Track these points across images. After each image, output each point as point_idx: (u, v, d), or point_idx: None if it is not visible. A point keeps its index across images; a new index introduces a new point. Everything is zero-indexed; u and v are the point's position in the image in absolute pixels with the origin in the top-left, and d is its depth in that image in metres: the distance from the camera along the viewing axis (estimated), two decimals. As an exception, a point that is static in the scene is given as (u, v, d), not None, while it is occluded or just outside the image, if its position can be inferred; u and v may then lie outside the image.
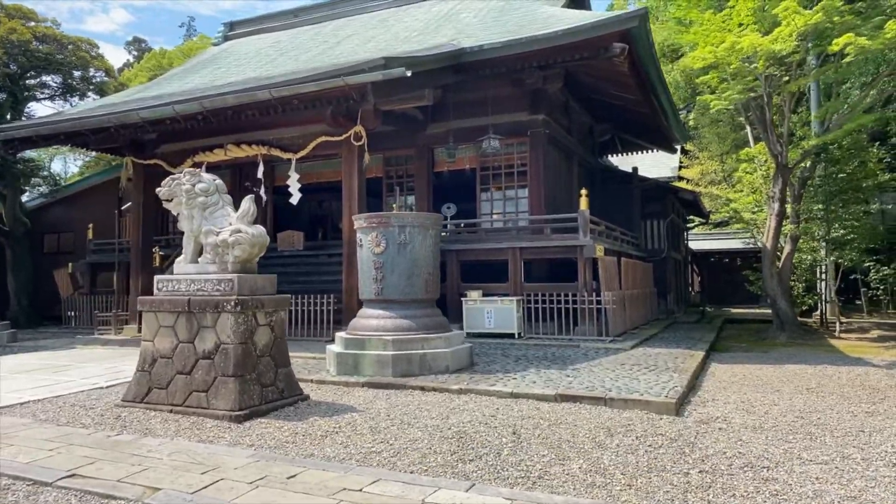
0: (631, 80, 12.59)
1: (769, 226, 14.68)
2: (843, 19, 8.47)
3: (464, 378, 7.63)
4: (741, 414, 6.27)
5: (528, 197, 13.40)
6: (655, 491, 4.07)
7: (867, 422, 6.01)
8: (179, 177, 6.68)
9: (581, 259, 11.73)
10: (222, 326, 6.15)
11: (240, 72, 15.22)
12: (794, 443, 5.21)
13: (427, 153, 14.49)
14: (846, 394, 7.48)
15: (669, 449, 4.99)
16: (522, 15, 13.06)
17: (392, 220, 8.19)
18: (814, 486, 4.15)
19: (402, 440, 5.23)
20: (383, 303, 8.17)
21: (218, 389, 6.06)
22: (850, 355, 11.22)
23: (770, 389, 7.74)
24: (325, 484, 4.18)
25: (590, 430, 5.51)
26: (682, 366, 8.70)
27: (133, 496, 4.00)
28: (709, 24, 9.97)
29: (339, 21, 18.18)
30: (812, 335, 14.72)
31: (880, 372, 9.11)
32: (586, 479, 4.29)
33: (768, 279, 14.78)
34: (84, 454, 4.85)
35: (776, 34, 8.69)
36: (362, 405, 6.56)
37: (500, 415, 6.07)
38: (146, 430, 5.62)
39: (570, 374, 8.00)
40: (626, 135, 19.09)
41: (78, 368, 9.12)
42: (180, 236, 16.19)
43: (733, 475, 4.37)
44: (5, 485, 4.26)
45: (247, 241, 6.36)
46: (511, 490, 4.09)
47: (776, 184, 14.30)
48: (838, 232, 16.32)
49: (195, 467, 4.52)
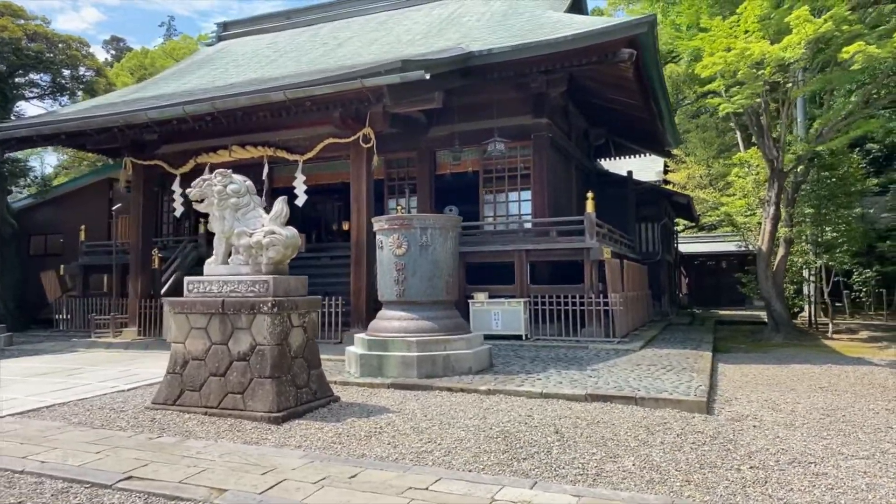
0: (634, 85, 12.78)
1: (764, 229, 14.99)
2: (851, 28, 8.75)
3: (488, 379, 7.69)
4: (769, 412, 6.43)
5: (531, 200, 13.52)
6: (714, 486, 4.17)
7: (891, 419, 6.20)
8: (210, 177, 6.65)
9: (587, 261, 11.86)
10: (258, 328, 6.13)
11: (239, 73, 15.13)
12: (830, 439, 5.37)
13: (429, 156, 14.54)
14: (859, 392, 7.70)
15: (713, 446, 5.10)
16: (528, 19, 13.19)
17: (414, 221, 8.23)
18: (864, 479, 4.29)
19: (449, 440, 5.27)
20: (405, 304, 8.20)
21: (254, 391, 6.03)
22: (849, 355, 11.52)
23: (785, 388, 7.92)
24: (388, 483, 4.21)
25: (629, 429, 5.61)
26: (696, 366, 8.86)
27: (200, 497, 3.99)
28: (717, 31, 10.19)
29: (336, 23, 18.16)
30: (805, 336, 15.07)
31: (885, 371, 9.37)
32: (644, 476, 4.37)
33: (763, 281, 15.08)
34: (132, 456, 4.81)
35: (786, 42, 8.93)
36: (395, 406, 6.58)
37: (535, 414, 6.14)
38: (186, 432, 5.58)
39: (591, 374, 8.11)
40: (621, 139, 19.33)
41: (90, 372, 8.98)
42: (176, 238, 15.81)
43: (783, 470, 4.49)
44: (63, 488, 4.21)
45: (281, 243, 6.35)
46: (574, 487, 4.16)
47: (771, 188, 14.62)
48: (829, 235, 16.74)
49: (252, 468, 4.52)
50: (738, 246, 18.74)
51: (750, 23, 10.13)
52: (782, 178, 14.34)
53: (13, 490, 4.17)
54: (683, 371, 8.32)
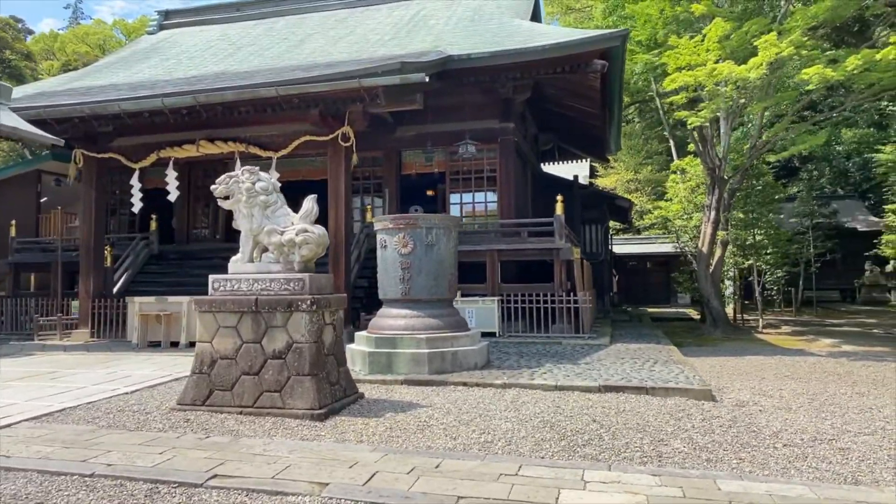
0: (597, 94, 13.46)
1: (705, 232, 16.17)
2: (809, 53, 9.74)
3: (496, 374, 7.99)
4: (762, 398, 7.11)
5: (497, 201, 13.96)
6: (765, 462, 4.66)
7: (863, 401, 7.02)
8: (237, 174, 6.56)
9: (557, 261, 12.41)
10: (295, 325, 6.14)
11: (196, 65, 14.63)
12: (831, 420, 6.05)
13: (395, 156, 14.68)
14: (821, 379, 8.59)
15: (738, 429, 5.63)
16: (498, 26, 13.60)
17: (420, 221, 8.41)
18: (884, 452, 4.93)
19: (500, 431, 5.52)
20: (411, 302, 8.36)
21: (293, 389, 6.04)
22: (788, 347, 12.70)
23: (757, 377, 8.71)
24: (477, 471, 4.42)
25: (656, 416, 6.07)
26: (673, 358, 9.55)
27: (304, 491, 4.05)
28: (682, 49, 10.99)
29: (291, 18, 17.89)
30: (740, 331, 16.37)
31: (829, 361, 10.44)
32: (699, 455, 4.81)
33: (703, 281, 16.26)
34: (199, 456, 4.75)
35: (752, 63, 9.82)
36: (422, 401, 6.75)
37: (563, 405, 6.50)
38: (232, 431, 5.52)
39: (588, 367, 8.58)
40: (567, 144, 20.18)
41: (72, 375, 8.49)
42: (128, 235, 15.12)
43: (813, 447, 5.07)
44: (150, 489, 4.14)
45: (314, 241, 6.37)
46: (646, 467, 4.54)
47: (712, 194, 15.80)
48: (756, 238, 18.25)
49: (334, 463, 4.59)
50: (675, 247, 19.98)
51: (711, 43, 10.98)
52: (723, 185, 15.53)
53: (95, 494, 4.05)
54: (667, 363, 8.95)
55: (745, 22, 11.39)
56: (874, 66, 9.15)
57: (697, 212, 18.32)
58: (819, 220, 26.58)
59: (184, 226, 16.05)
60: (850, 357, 10.88)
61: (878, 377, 8.79)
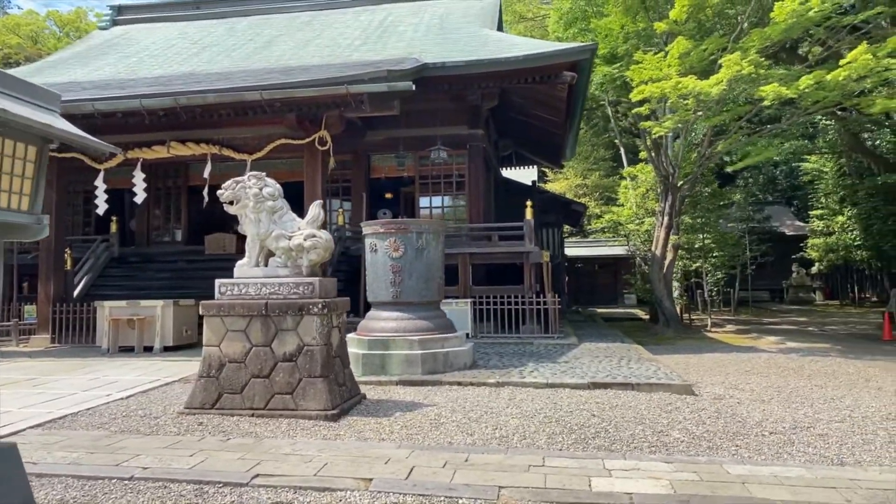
0: (562, 104, 14.00)
1: (658, 236, 17.00)
2: (767, 72, 10.53)
3: (485, 373, 8.30)
4: (736, 391, 7.69)
5: (467, 205, 14.30)
6: (759, 448, 5.15)
7: (824, 393, 7.70)
8: (243, 180, 6.63)
9: (527, 264, 12.86)
10: (306, 329, 6.27)
11: (161, 64, 14.34)
12: (802, 410, 6.65)
13: (364, 159, 14.81)
14: (779, 374, 9.31)
15: (725, 419, 6.14)
16: (468, 36, 13.94)
17: (411, 226, 8.64)
18: (861, 436, 5.52)
19: (510, 427, 5.82)
20: (401, 305, 8.57)
21: (305, 391, 6.17)
22: (740, 345, 13.56)
23: (722, 373, 9.36)
24: (505, 463, 4.71)
25: (648, 410, 6.52)
26: (644, 356, 10.12)
27: (351, 486, 4.24)
28: (647, 63, 11.64)
29: (253, 18, 17.72)
30: (690, 330, 17.27)
31: (781, 357, 11.27)
32: (699, 444, 5.26)
33: (656, 283, 17.07)
34: (231, 458, 4.85)
35: (714, 79, 10.53)
36: (425, 400, 6.98)
37: (559, 402, 6.87)
38: (250, 433, 5.61)
39: (568, 366, 9.01)
40: (525, 150, 20.74)
41: (54, 381, 8.27)
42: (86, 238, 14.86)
43: (796, 433, 5.61)
44: (197, 489, 4.23)
45: (321, 246, 6.52)
46: (656, 455, 4.94)
47: (665, 200, 16.64)
48: (704, 242, 19.30)
49: (368, 460, 4.78)
50: (627, 250, 20.85)
51: (672, 59, 11.67)
52: (675, 192, 16.38)
53: (143, 496, 4.12)
54: (641, 361, 9.49)
55: (703, 40, 12.15)
56: (824, 85, 10.01)
57: (649, 216, 19.21)
58: (753, 224, 28.23)
59: (144, 228, 15.67)
60: (798, 353, 11.76)
61: (828, 371, 9.59)
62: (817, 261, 32.47)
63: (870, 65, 9.38)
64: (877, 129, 19.90)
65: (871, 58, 9.32)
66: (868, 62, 9.31)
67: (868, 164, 20.64)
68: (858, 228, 28.69)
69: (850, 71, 9.47)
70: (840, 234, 29.57)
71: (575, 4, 15.90)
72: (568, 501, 3.98)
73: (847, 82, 9.74)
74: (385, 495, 4.10)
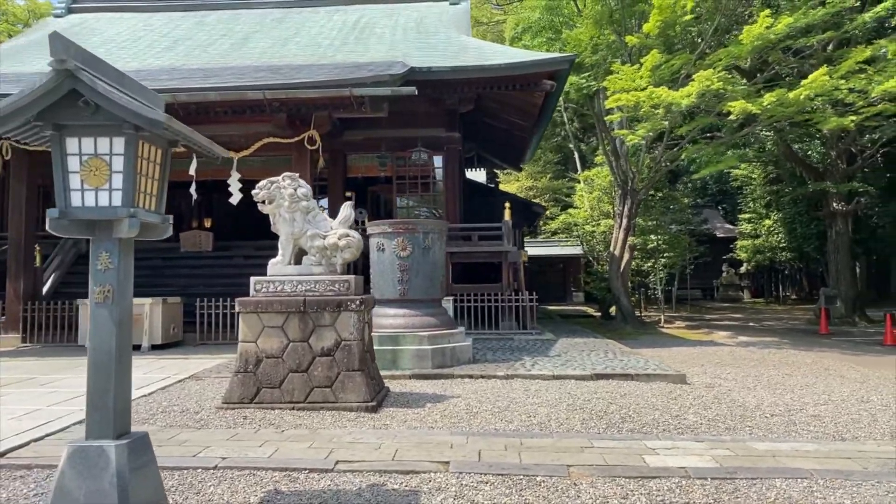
0: (535, 110, 14.62)
1: (617, 238, 17.92)
2: (735, 88, 11.47)
3: (490, 367, 8.74)
4: (720, 381, 8.44)
5: (444, 206, 14.69)
6: (769, 426, 5.82)
7: (796, 381, 8.56)
8: (278, 180, 6.80)
9: (506, 263, 13.40)
10: (343, 324, 6.53)
11: (134, 56, 14.01)
12: (787, 395, 7.42)
13: (341, 158, 14.95)
14: (748, 364, 10.18)
15: (728, 404, 6.81)
16: (447, 40, 14.33)
17: (418, 226, 8.98)
18: (847, 416, 6.29)
19: (541, 414, 6.28)
20: (408, 302, 8.90)
21: (344, 384, 6.43)
22: (698, 339, 14.56)
23: (698, 364, 10.16)
24: (558, 445, 5.17)
25: (655, 397, 7.13)
26: (626, 350, 10.83)
27: (433, 469, 4.58)
28: (623, 74, 12.40)
29: (221, 13, 17.48)
30: (646, 326, 18.29)
31: (741, 350, 12.25)
32: (717, 425, 5.88)
33: (615, 281, 18.00)
34: (300, 446, 5.08)
35: (685, 91, 11.36)
36: (446, 392, 7.35)
37: (572, 392, 7.38)
38: (300, 424, 5.83)
39: (561, 359, 9.56)
40: (487, 153, 21.32)
41: (58, 381, 8.13)
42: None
43: (793, 415, 6.33)
44: (286, 475, 4.46)
45: (355, 245, 6.79)
46: (686, 436, 5.51)
47: (624, 204, 17.57)
48: (655, 243, 20.43)
49: (432, 445, 5.12)
50: (584, 250, 21.75)
51: (645, 70, 12.48)
52: (634, 196, 17.33)
53: (239, 482, 4.33)
54: (625, 354, 10.18)
55: (669, 55, 13.03)
56: (784, 102, 11.01)
57: (605, 218, 20.17)
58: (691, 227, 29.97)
59: (109, 224, 15.19)
60: (755, 346, 12.81)
61: (788, 361, 10.56)
62: (746, 261, 34.77)
63: (826, 85, 10.44)
64: (809, 140, 21.60)
65: (828, 79, 10.40)
66: (825, 83, 10.37)
67: (800, 173, 22.35)
68: (783, 231, 30.95)
69: (809, 90, 10.52)
70: (767, 237, 31.77)
71: (543, 16, 16.57)
72: (633, 476, 4.46)
73: (805, 100, 10.79)
74: (468, 476, 4.46)
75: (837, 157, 19.49)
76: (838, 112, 12.35)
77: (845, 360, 10.80)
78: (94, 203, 3.40)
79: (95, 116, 3.35)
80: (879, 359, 11.24)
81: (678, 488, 4.18)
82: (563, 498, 4.04)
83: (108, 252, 3.46)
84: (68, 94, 3.34)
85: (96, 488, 3.26)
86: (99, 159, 3.41)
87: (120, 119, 3.34)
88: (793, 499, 3.99)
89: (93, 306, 3.50)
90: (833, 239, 19.79)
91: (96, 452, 3.32)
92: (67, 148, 3.44)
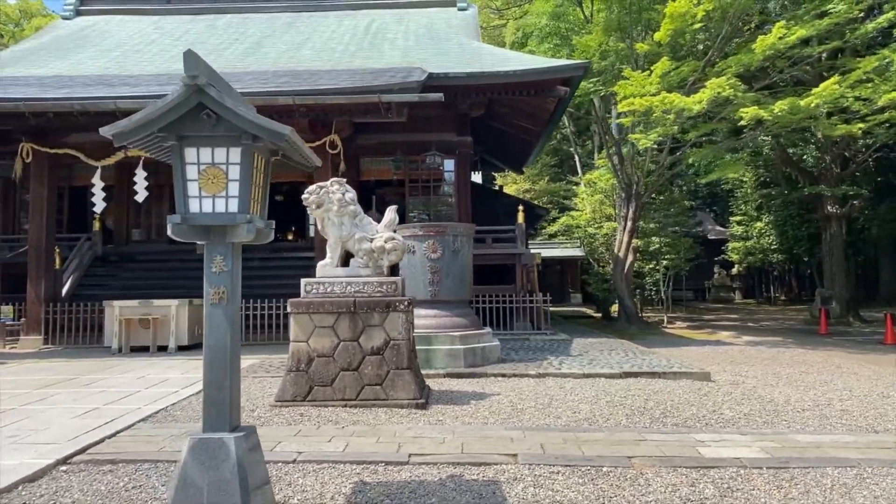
0: (546, 115, 14.93)
1: (621, 240, 18.27)
2: (745, 95, 11.86)
3: (520, 366, 8.99)
4: (743, 378, 8.77)
5: (456, 208, 14.94)
6: (804, 420, 6.13)
7: (814, 378, 8.91)
8: (327, 185, 7.01)
9: (519, 265, 13.67)
10: (392, 324, 6.75)
11: (150, 60, 14.12)
12: (810, 392, 7.76)
13: (354, 162, 15.12)
14: (761, 363, 10.54)
15: (759, 400, 7.11)
16: (460, 46, 14.59)
17: (448, 229, 9.22)
18: (874, 410, 6.62)
19: (585, 411, 6.53)
20: (439, 303, 9.13)
21: (394, 382, 6.66)
22: (705, 339, 14.93)
23: (713, 363, 10.48)
24: (612, 439, 5.42)
25: (686, 394, 7.42)
26: (641, 349, 11.14)
27: (503, 461, 4.82)
28: (634, 80, 12.75)
29: (230, 17, 17.60)
30: (650, 327, 18.68)
31: (750, 349, 12.62)
32: (755, 419, 6.18)
33: (619, 282, 18.35)
34: (367, 441, 5.30)
35: (697, 98, 11.73)
36: (485, 391, 7.58)
37: (607, 389, 7.65)
38: (357, 421, 6.04)
39: (585, 358, 9.85)
40: (491, 156, 21.60)
41: (103, 381, 8.27)
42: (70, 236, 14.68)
43: (823, 409, 6.65)
44: (364, 468, 4.67)
45: (400, 248, 7.03)
46: (730, 429, 5.80)
47: (628, 207, 17.93)
48: (656, 245, 20.83)
49: (493, 439, 5.36)
50: (585, 252, 22.09)
51: (655, 77, 12.84)
52: (639, 199, 17.70)
53: (322, 474, 4.54)
54: (644, 353, 10.49)
55: (678, 62, 13.40)
56: (794, 110, 11.41)
57: (607, 221, 20.54)
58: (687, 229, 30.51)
59: (122, 226, 15.28)
60: (763, 345, 13.20)
61: (799, 360, 10.94)
62: (737, 263, 35.41)
63: (835, 94, 10.86)
64: (803, 144, 22.14)
65: (837, 87, 10.82)
66: (834, 91, 10.78)
67: (793, 177, 22.88)
68: (775, 234, 31.59)
69: (819, 98, 10.93)
70: (758, 239, 32.39)
71: (550, 22, 16.91)
72: (693, 465, 4.73)
73: (815, 108, 11.20)
74: (538, 466, 4.71)
75: (832, 162, 20.02)
76: (842, 119, 12.81)
77: (853, 359, 11.19)
78: (211, 209, 3.61)
79: (216, 128, 3.56)
80: (884, 357, 11.65)
81: (739, 476, 4.46)
82: (635, 485, 4.30)
83: (222, 256, 3.67)
84: (193, 108, 3.53)
85: (218, 477, 3.47)
86: (216, 168, 3.62)
87: (240, 130, 3.55)
88: (848, 485, 4.29)
89: (208, 307, 3.70)
90: (828, 241, 20.30)
91: (217, 444, 3.52)
92: (186, 157, 3.64)
